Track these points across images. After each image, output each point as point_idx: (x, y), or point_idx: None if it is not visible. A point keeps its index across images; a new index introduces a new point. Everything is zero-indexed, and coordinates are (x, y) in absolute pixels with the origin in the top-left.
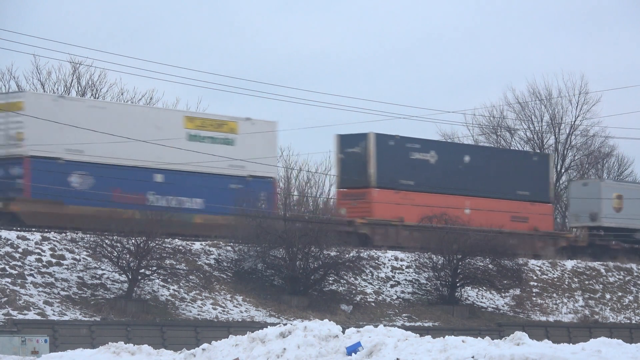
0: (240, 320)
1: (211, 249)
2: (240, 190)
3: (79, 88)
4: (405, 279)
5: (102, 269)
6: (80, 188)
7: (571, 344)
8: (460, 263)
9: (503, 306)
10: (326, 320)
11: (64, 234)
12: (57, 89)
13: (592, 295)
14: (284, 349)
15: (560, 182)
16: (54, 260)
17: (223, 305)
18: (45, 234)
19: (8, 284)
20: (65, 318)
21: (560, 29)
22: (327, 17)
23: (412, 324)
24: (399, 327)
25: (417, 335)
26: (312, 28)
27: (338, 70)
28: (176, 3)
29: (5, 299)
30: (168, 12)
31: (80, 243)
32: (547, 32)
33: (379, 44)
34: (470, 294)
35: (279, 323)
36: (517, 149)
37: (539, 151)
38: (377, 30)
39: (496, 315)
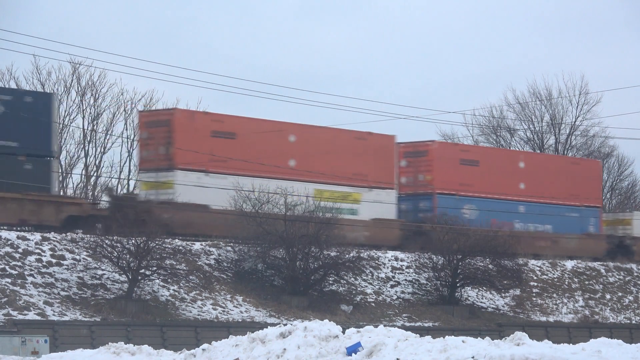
0: (240, 320)
1: (211, 249)
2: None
3: (79, 88)
4: (405, 279)
5: (102, 269)
6: None
7: (571, 344)
8: (460, 263)
9: (503, 306)
10: (326, 321)
11: (63, 234)
12: (57, 89)
13: (592, 295)
14: (284, 349)
15: None
16: (54, 261)
17: (223, 305)
18: (45, 234)
19: (8, 284)
20: (65, 318)
21: (561, 30)
22: (326, 19)
23: (412, 324)
24: (399, 327)
25: (417, 335)
26: (313, 31)
27: (338, 71)
28: (195, 5)
29: (5, 299)
30: (185, 14)
31: (80, 243)
32: (548, 33)
33: (379, 45)
34: (470, 294)
35: (279, 323)
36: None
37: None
38: (377, 31)
39: (496, 315)
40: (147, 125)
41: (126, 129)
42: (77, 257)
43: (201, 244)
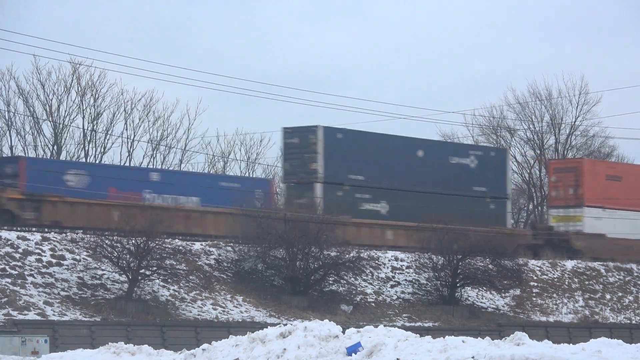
0: (240, 320)
1: (211, 249)
2: None
3: (79, 88)
4: (406, 279)
5: (102, 269)
6: None
7: (571, 344)
8: (460, 263)
9: (503, 306)
10: (326, 321)
11: (64, 234)
12: (57, 89)
13: (592, 295)
14: (284, 349)
15: None
16: (54, 261)
17: (223, 305)
18: (45, 234)
19: (8, 284)
20: (65, 318)
21: (561, 30)
22: (327, 21)
23: (412, 324)
24: (399, 327)
25: (417, 335)
26: (313, 32)
27: (338, 72)
28: (198, 7)
29: (6, 299)
30: (189, 16)
31: (80, 243)
32: (548, 33)
33: (380, 45)
34: (471, 294)
35: (279, 323)
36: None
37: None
38: (377, 32)
39: (496, 315)
40: (556, 171)
41: (126, 129)
42: (77, 257)
43: (201, 244)
